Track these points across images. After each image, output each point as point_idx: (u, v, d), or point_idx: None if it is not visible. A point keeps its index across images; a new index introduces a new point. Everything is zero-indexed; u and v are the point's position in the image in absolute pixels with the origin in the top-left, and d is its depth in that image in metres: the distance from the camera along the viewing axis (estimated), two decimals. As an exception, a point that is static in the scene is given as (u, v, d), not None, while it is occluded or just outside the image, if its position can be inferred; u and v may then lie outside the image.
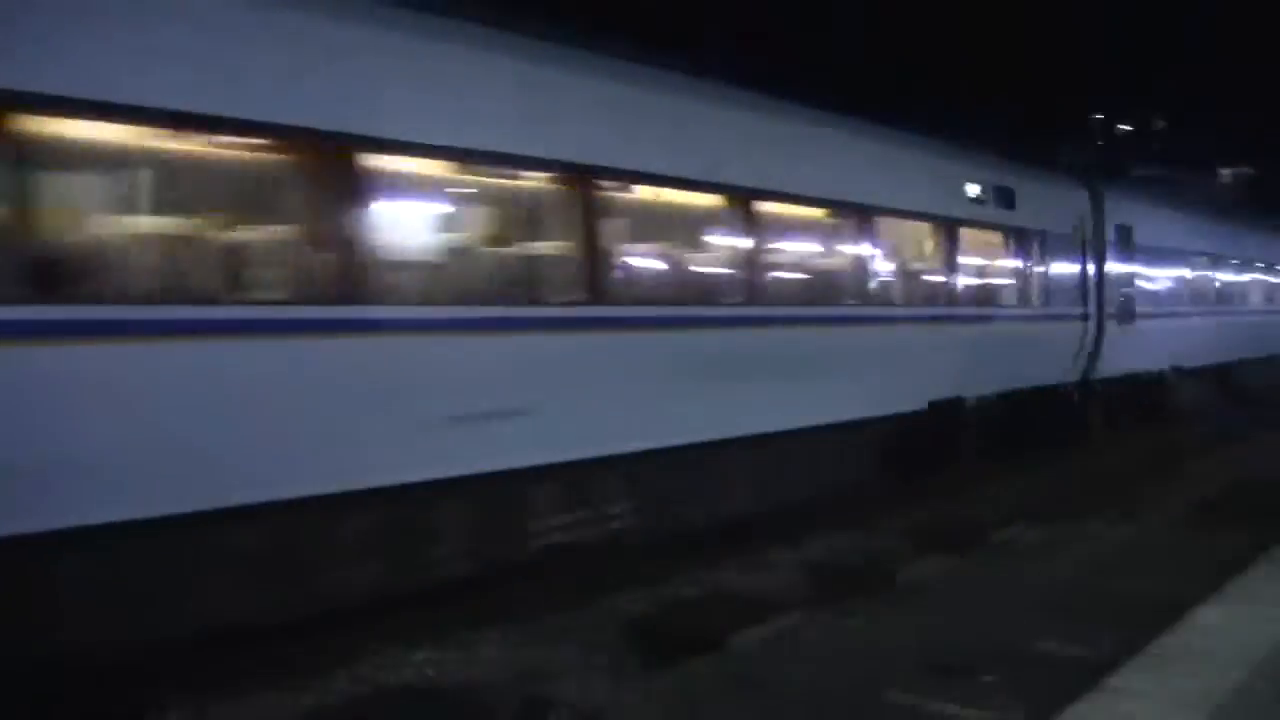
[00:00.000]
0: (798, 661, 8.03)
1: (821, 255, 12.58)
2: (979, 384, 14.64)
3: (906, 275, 13.78)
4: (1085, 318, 17.41)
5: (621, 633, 8.59)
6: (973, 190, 14.56)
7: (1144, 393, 20.35)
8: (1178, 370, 21.39)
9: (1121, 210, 19.09)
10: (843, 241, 12.50)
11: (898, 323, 13.26)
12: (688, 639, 8.20)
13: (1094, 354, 17.60)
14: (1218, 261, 24.60)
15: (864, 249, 12.61)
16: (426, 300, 8.24)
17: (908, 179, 13.41)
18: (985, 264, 15.22)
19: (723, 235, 10.97)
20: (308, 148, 7.31)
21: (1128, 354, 18.79)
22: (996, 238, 15.36)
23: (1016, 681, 7.69)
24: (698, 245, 11.04)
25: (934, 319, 13.92)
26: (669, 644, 8.20)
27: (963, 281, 14.47)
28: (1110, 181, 20.39)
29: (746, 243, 10.88)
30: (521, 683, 7.67)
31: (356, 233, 7.55)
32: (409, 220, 8.33)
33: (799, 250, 12.16)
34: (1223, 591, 7.27)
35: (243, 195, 7.47)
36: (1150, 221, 20.39)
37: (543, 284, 9.18)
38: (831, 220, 12.32)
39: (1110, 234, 18.36)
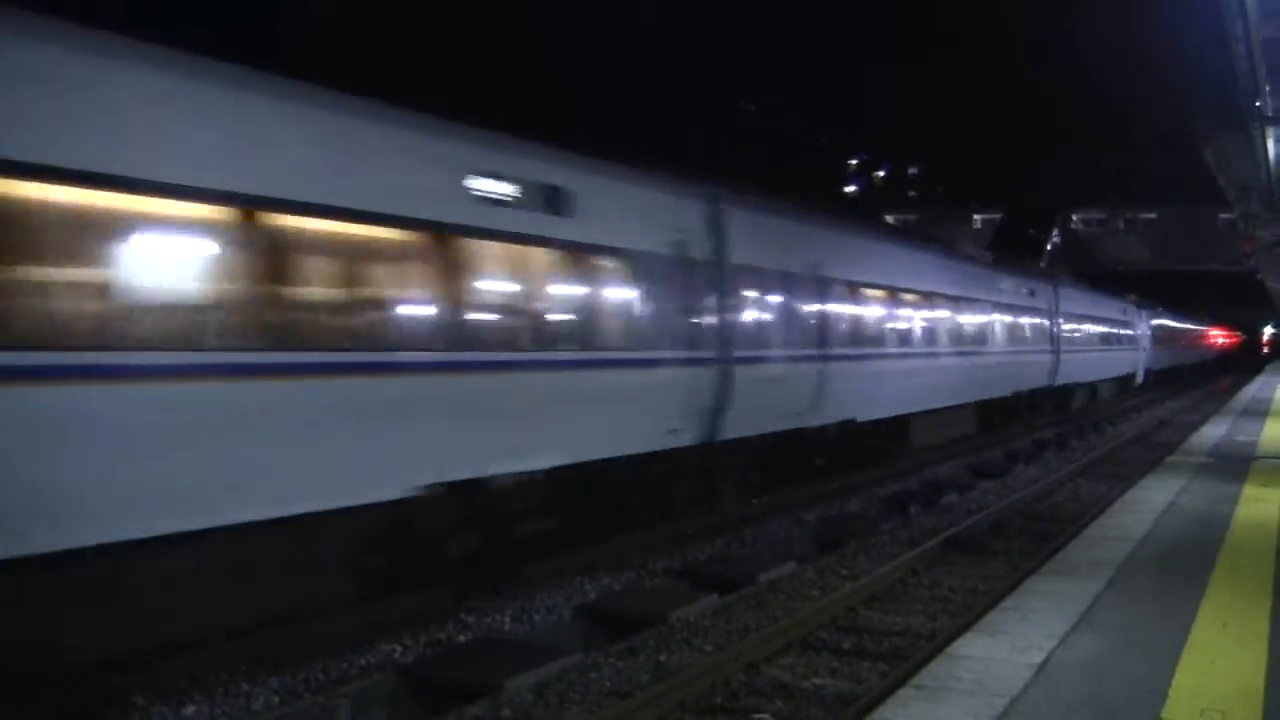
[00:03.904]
0: (571, 705, 7.95)
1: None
2: (517, 455, 10.61)
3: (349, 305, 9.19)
4: (703, 363, 13.42)
5: (396, 680, 8.30)
6: (483, 186, 10.19)
7: (801, 452, 16.83)
8: (849, 424, 17.73)
9: (762, 232, 15.28)
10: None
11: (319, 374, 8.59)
12: (463, 685, 8.00)
13: (719, 409, 13.70)
14: (916, 298, 21.24)
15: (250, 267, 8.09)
16: None
17: (330, 156, 8.88)
18: (519, 292, 10.95)
19: None
20: None
21: (772, 407, 15.12)
22: (545, 257, 11.12)
23: (790, 718, 7.80)
24: None
25: (415, 368, 9.51)
26: (445, 691, 8.01)
27: (473, 315, 10.21)
28: (745, 199, 15.43)
29: None
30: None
31: None
32: None
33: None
34: (980, 624, 7.55)
35: None
36: (808, 248, 16.56)
37: None
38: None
39: (742, 258, 14.37)
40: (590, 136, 13.11)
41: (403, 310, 9.68)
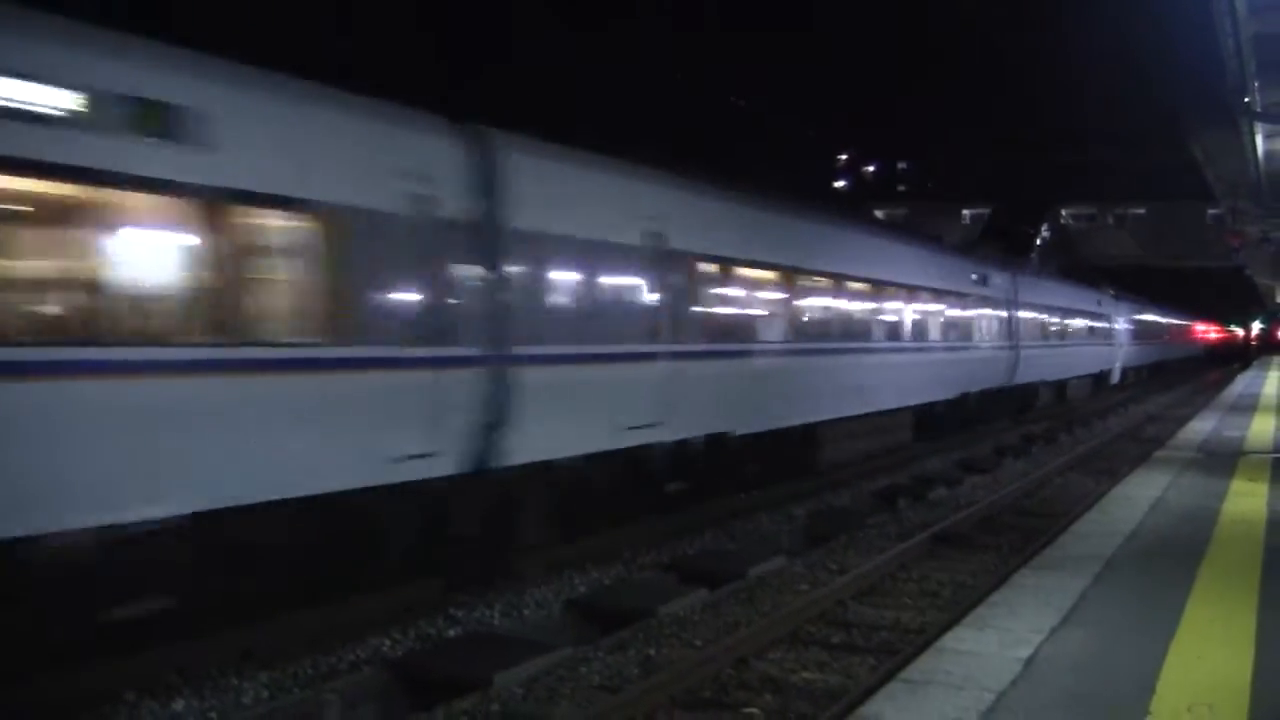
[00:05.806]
0: (561, 699, 7.95)
1: None
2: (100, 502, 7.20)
3: None
4: (467, 362, 10.14)
5: (385, 674, 8.29)
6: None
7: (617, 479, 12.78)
8: (714, 437, 14.14)
9: (547, 187, 11.35)
10: None
11: None
12: (453, 680, 7.99)
13: (497, 424, 10.43)
14: (803, 279, 16.79)
15: None
16: None
17: None
18: (93, 257, 7.28)
19: None
20: None
21: (589, 416, 11.84)
22: (147, 204, 7.53)
23: (779, 712, 7.81)
24: None
25: None
26: (434, 685, 7.99)
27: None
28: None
29: None
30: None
31: None
32: None
33: None
34: (968, 618, 7.56)
35: None
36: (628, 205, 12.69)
37: None
38: None
39: (525, 221, 10.82)
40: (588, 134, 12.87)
41: None
